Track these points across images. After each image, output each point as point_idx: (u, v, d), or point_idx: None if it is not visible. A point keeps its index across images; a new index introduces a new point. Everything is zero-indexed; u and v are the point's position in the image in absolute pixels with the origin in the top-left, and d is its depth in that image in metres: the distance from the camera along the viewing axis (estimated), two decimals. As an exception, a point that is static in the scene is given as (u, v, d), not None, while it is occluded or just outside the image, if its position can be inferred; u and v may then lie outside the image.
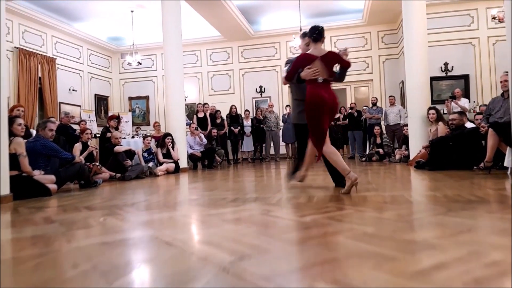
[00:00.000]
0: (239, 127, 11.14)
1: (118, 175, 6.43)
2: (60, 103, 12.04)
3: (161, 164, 7.64)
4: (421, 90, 7.38)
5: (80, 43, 13.00)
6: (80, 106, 12.93)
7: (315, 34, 3.81)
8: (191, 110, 13.15)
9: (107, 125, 7.93)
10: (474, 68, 10.92)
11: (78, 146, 6.29)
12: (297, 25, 11.85)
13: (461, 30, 10.98)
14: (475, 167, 5.42)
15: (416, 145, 7.29)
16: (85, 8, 11.33)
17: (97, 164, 6.24)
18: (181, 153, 8.23)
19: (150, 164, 7.33)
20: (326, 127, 3.79)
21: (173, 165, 7.69)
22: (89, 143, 6.43)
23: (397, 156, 8.27)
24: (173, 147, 7.90)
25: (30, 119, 10.75)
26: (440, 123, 6.71)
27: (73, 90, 12.54)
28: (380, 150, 8.86)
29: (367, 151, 10.33)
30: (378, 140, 9.06)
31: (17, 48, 10.45)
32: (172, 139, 7.99)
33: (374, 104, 10.85)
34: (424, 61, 7.50)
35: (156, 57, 14.44)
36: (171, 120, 8.38)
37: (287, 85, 4.65)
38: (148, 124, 13.93)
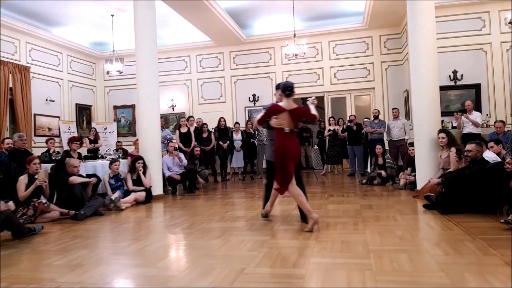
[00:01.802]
0: (228, 142, 10.16)
1: (73, 212, 5.45)
2: (35, 114, 11.11)
3: (129, 193, 6.67)
4: (430, 109, 6.36)
5: (59, 49, 12.06)
6: (58, 117, 11.99)
7: (287, 91, 4.36)
8: (179, 120, 12.17)
9: (68, 149, 6.95)
10: (486, 76, 9.89)
11: (23, 180, 5.32)
12: (293, 29, 10.88)
13: (471, 35, 9.95)
14: (498, 212, 4.44)
15: (424, 172, 6.30)
16: (63, 12, 10.42)
17: (44, 201, 5.27)
18: (156, 178, 7.27)
19: (115, 195, 6.37)
20: (291, 170, 4.26)
21: (143, 194, 6.71)
22: (36, 176, 5.45)
23: (402, 181, 7.28)
24: (144, 172, 6.93)
25: (-1, 134, 9.83)
26: (453, 149, 5.72)
27: (50, 100, 11.59)
28: (383, 172, 7.86)
29: (369, 168, 9.35)
30: (380, 161, 8.06)
31: (-16, 57, 9.53)
32: (144, 163, 7.03)
33: (376, 117, 9.85)
34: (433, 70, 6.48)
35: (142, 63, 13.45)
36: (143, 141, 7.40)
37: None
38: (134, 135, 12.97)
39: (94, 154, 9.39)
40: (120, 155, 8.29)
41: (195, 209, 6.02)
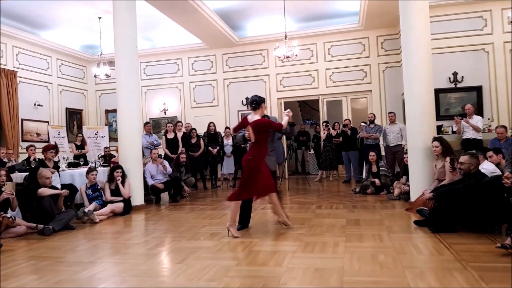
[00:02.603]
0: (218, 147, 9.78)
1: (41, 226, 5.09)
2: (22, 120, 10.79)
3: (106, 204, 6.30)
4: (424, 114, 5.91)
5: (47, 53, 11.74)
6: (47, 122, 11.66)
7: (253, 105, 4.61)
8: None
9: (43, 158, 6.58)
10: (488, 78, 9.44)
11: (-15, 193, 4.97)
12: (286, 30, 10.49)
13: (472, 35, 9.52)
14: (496, 231, 4.02)
15: (418, 183, 5.86)
16: (50, 15, 10.13)
17: (8, 215, 4.91)
18: (136, 187, 6.90)
19: (91, 206, 6.00)
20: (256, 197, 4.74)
21: (120, 205, 6.33)
22: (3, 188, 5.10)
23: (396, 191, 6.85)
24: (123, 182, 6.56)
25: (-17, 140, 9.52)
26: (448, 159, 5.30)
27: (38, 105, 11.26)
28: (376, 181, 7.43)
29: (364, 175, 8.93)
30: (374, 168, 7.63)
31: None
32: (123, 171, 6.66)
33: (371, 122, 9.43)
34: (427, 72, 6.03)
35: (134, 66, 13.10)
36: (123, 148, 7.04)
37: None
38: (126, 140, 12.62)
39: (84, 160, 9.08)
40: (102, 163, 7.92)
41: (171, 222, 5.65)
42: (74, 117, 12.79)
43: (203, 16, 9.53)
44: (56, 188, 5.82)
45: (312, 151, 12.59)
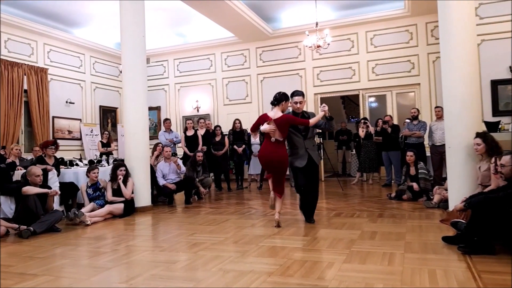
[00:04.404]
0: (243, 146, 9.09)
1: (24, 227, 4.68)
2: (54, 117, 10.77)
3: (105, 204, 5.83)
4: (467, 107, 4.82)
5: (80, 50, 11.70)
6: (80, 119, 11.62)
7: (273, 100, 4.65)
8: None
9: (43, 154, 6.23)
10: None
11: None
12: (324, 19, 9.63)
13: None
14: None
15: (458, 188, 4.80)
16: (82, 12, 10.01)
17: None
18: (141, 188, 6.39)
19: (88, 207, 5.57)
20: (268, 175, 4.75)
21: (120, 206, 5.82)
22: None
23: (436, 198, 5.76)
24: (125, 181, 6.05)
25: (12, 137, 9.52)
26: (493, 159, 4.21)
27: (70, 102, 11.23)
28: (414, 185, 6.36)
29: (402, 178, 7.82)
30: (412, 171, 6.55)
31: (-4, 59, 9.25)
32: (127, 170, 6.16)
33: (415, 118, 8.28)
34: (471, 61, 4.95)
35: (168, 63, 12.83)
36: (128, 146, 6.55)
37: None
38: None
39: (107, 158, 8.79)
40: (112, 161, 7.53)
41: (165, 227, 5.04)
42: (108, 115, 12.69)
43: (232, 8, 8.94)
44: (49, 187, 5.42)
45: (354, 151, 11.52)
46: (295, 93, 4.77)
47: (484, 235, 3.21)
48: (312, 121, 4.60)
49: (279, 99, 4.63)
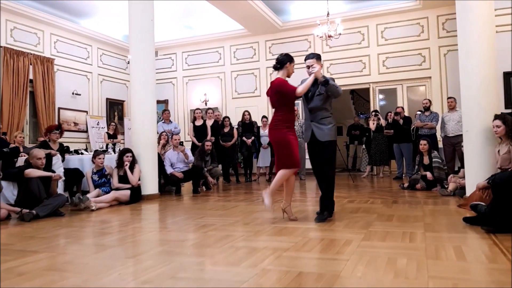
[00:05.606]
0: (253, 137, 8.96)
1: (26, 211, 4.57)
2: (59, 108, 10.69)
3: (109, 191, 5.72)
4: (484, 89, 4.66)
5: (88, 41, 11.60)
6: (86, 112, 11.54)
7: (276, 63, 4.08)
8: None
9: (47, 139, 6.13)
10: None
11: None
12: (334, 12, 9.49)
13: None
14: None
15: (475, 173, 4.64)
16: (90, 3, 9.88)
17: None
18: (148, 175, 6.27)
19: (94, 193, 5.45)
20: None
21: (126, 193, 5.70)
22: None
23: (451, 186, 5.60)
24: (132, 168, 5.94)
25: (16, 127, 9.44)
26: (515, 141, 4.06)
27: (76, 94, 11.15)
28: (428, 174, 6.20)
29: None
30: (426, 160, 6.39)
31: (0, 47, 9.17)
32: (133, 156, 6.05)
33: (426, 109, 8.11)
34: (490, 46, 4.80)
35: (176, 56, 12.72)
36: (135, 132, 6.45)
37: None
38: (166, 131, 12.24)
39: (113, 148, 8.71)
40: (119, 148, 7.43)
41: (173, 212, 4.93)
42: (115, 108, 12.60)
43: (241, -2, 8.83)
44: (53, 172, 5.31)
45: (364, 146, 11.35)
46: (307, 57, 4.09)
47: (508, 213, 3.06)
48: (299, 89, 3.87)
49: (282, 60, 4.02)
